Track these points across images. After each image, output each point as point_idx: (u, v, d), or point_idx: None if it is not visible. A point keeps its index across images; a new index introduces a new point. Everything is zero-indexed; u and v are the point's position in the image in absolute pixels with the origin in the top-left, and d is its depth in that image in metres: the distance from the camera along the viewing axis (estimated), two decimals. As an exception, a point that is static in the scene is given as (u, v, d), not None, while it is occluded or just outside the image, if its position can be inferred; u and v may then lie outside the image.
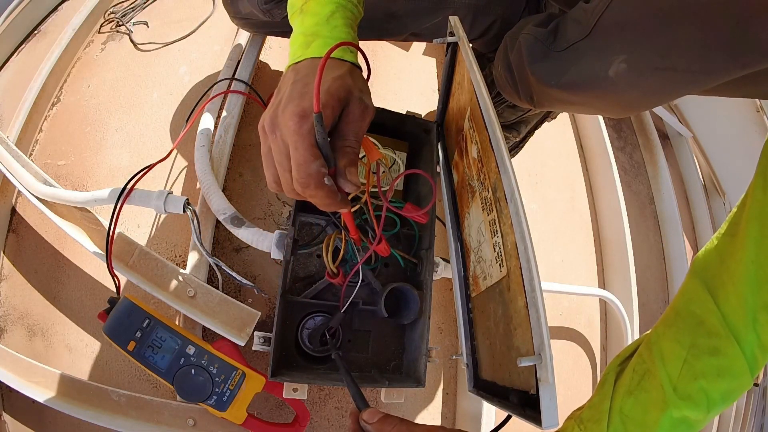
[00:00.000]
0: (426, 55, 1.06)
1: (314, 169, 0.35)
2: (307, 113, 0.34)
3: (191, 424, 0.58)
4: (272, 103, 0.38)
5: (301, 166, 0.35)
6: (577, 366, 0.97)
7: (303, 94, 0.36)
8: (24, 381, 0.57)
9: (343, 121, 0.38)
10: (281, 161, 0.37)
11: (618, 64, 0.46)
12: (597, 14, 0.48)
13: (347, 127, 0.37)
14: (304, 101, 0.35)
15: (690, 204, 1.33)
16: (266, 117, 0.38)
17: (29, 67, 0.79)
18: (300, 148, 0.34)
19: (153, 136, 0.80)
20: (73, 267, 0.70)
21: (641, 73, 0.46)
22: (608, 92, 0.50)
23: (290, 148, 0.35)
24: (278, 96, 0.38)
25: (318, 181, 0.35)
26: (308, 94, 0.36)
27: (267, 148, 0.38)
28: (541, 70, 0.55)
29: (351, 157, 0.37)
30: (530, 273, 0.36)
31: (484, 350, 0.51)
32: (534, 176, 1.06)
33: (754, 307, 0.36)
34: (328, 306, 0.57)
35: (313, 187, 0.35)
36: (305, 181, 0.35)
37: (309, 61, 0.39)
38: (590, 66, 0.49)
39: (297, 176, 0.35)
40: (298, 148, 0.35)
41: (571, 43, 0.51)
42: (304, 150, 0.34)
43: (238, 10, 0.72)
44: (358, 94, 0.38)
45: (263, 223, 0.77)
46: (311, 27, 0.41)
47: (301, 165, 0.35)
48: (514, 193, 0.39)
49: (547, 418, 0.33)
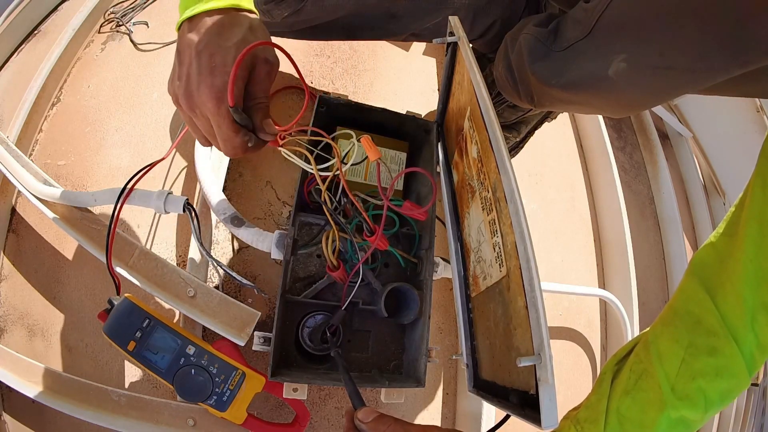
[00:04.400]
0: (426, 55, 1.06)
1: (238, 141, 0.40)
2: (222, 95, 0.37)
3: (191, 424, 0.58)
4: (180, 72, 0.39)
5: (226, 142, 0.40)
6: (577, 366, 0.97)
7: (212, 70, 0.37)
8: (24, 381, 0.57)
9: (251, 82, 0.40)
10: (209, 133, 0.41)
11: (618, 63, 0.46)
12: (597, 14, 0.48)
13: (256, 88, 0.40)
14: (216, 79, 0.37)
15: (690, 204, 1.33)
16: (180, 92, 0.39)
17: (29, 67, 0.79)
18: (222, 127, 0.39)
19: (153, 136, 0.80)
20: (73, 267, 0.70)
21: (641, 72, 0.46)
22: (608, 91, 0.50)
23: (213, 126, 0.40)
24: (184, 65, 0.38)
25: (244, 148, 0.41)
26: (218, 70, 0.37)
27: (189, 119, 0.41)
28: (541, 69, 0.55)
29: (264, 111, 0.41)
30: (530, 273, 0.36)
31: (484, 350, 0.51)
32: (534, 176, 1.06)
33: (752, 306, 0.36)
34: (328, 306, 0.57)
35: (241, 153, 0.41)
36: (233, 151, 0.41)
37: (205, 18, 0.38)
38: (590, 65, 0.50)
39: (225, 148, 0.41)
40: (221, 127, 0.39)
41: (571, 42, 0.52)
42: (226, 128, 0.39)
43: None
44: (263, 55, 0.39)
45: (263, 223, 0.77)
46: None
47: (226, 141, 0.40)
48: (514, 193, 0.39)
49: (547, 418, 0.33)
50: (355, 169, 0.64)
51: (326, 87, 0.92)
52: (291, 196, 0.79)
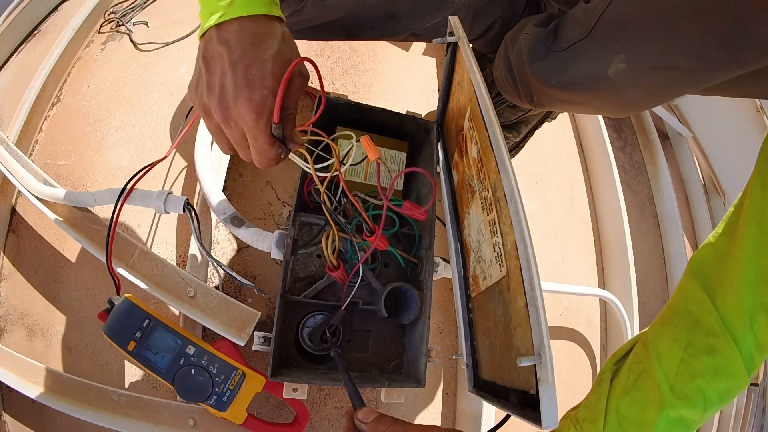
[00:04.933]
0: (426, 55, 1.06)
1: (273, 153, 0.40)
2: (262, 109, 0.37)
3: (191, 424, 0.58)
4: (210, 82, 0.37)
5: (262, 154, 0.40)
6: (577, 366, 0.97)
7: (249, 83, 0.36)
8: (24, 381, 0.57)
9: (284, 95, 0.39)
10: (239, 143, 0.41)
11: (617, 63, 0.46)
12: (597, 14, 0.48)
13: (288, 100, 0.40)
14: (254, 93, 0.36)
15: (690, 204, 1.33)
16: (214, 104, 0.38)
17: (29, 67, 0.79)
18: (259, 140, 0.39)
19: (153, 136, 0.80)
20: (73, 267, 0.70)
21: (640, 72, 0.46)
22: (608, 91, 0.50)
23: (248, 138, 0.39)
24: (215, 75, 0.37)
25: (277, 159, 0.41)
26: (255, 83, 0.37)
27: (217, 129, 0.41)
28: (541, 69, 0.55)
29: (293, 121, 0.41)
30: (530, 273, 0.36)
31: (484, 350, 0.51)
32: (534, 176, 1.06)
33: (751, 306, 0.36)
34: (328, 306, 0.57)
35: (274, 164, 0.41)
36: (267, 162, 0.41)
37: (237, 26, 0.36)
38: (590, 65, 0.50)
39: (259, 159, 0.41)
40: (258, 139, 0.39)
41: (571, 42, 0.52)
42: (263, 141, 0.39)
43: None
44: (297, 68, 0.39)
45: (263, 223, 0.77)
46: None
47: (261, 153, 0.40)
48: (514, 192, 0.39)
49: (547, 418, 0.33)
50: (355, 169, 0.64)
51: (326, 87, 0.92)
52: (291, 196, 0.79)
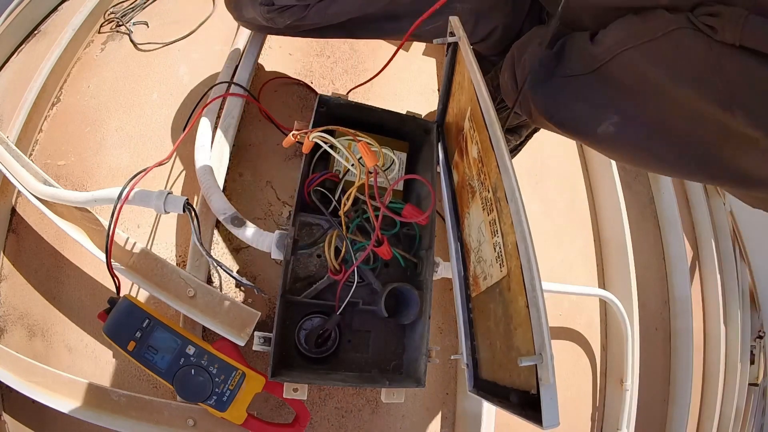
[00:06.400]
0: (426, 55, 1.06)
1: None
2: None
3: (191, 424, 0.58)
4: None
5: None
6: (577, 366, 0.97)
7: None
8: (24, 381, 0.57)
9: None
10: None
11: (607, 125, 0.51)
12: (600, 62, 0.51)
13: None
14: None
15: (690, 204, 1.33)
16: None
17: (29, 67, 0.79)
18: None
19: (153, 136, 0.80)
20: (73, 267, 0.70)
21: (625, 144, 0.51)
22: (592, 143, 0.56)
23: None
24: None
25: None
26: None
27: None
28: (540, 100, 0.58)
29: None
30: (531, 272, 0.36)
31: (484, 350, 0.51)
32: (534, 176, 1.06)
33: None
34: (328, 306, 0.57)
35: None
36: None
37: None
38: (583, 111, 0.53)
39: None
40: None
41: (574, 73, 0.55)
42: None
43: (241, 15, 0.73)
44: None
45: (263, 223, 0.77)
46: None
47: None
48: (515, 192, 0.39)
49: (548, 417, 0.33)
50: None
51: (326, 87, 0.92)
52: (291, 196, 0.79)
